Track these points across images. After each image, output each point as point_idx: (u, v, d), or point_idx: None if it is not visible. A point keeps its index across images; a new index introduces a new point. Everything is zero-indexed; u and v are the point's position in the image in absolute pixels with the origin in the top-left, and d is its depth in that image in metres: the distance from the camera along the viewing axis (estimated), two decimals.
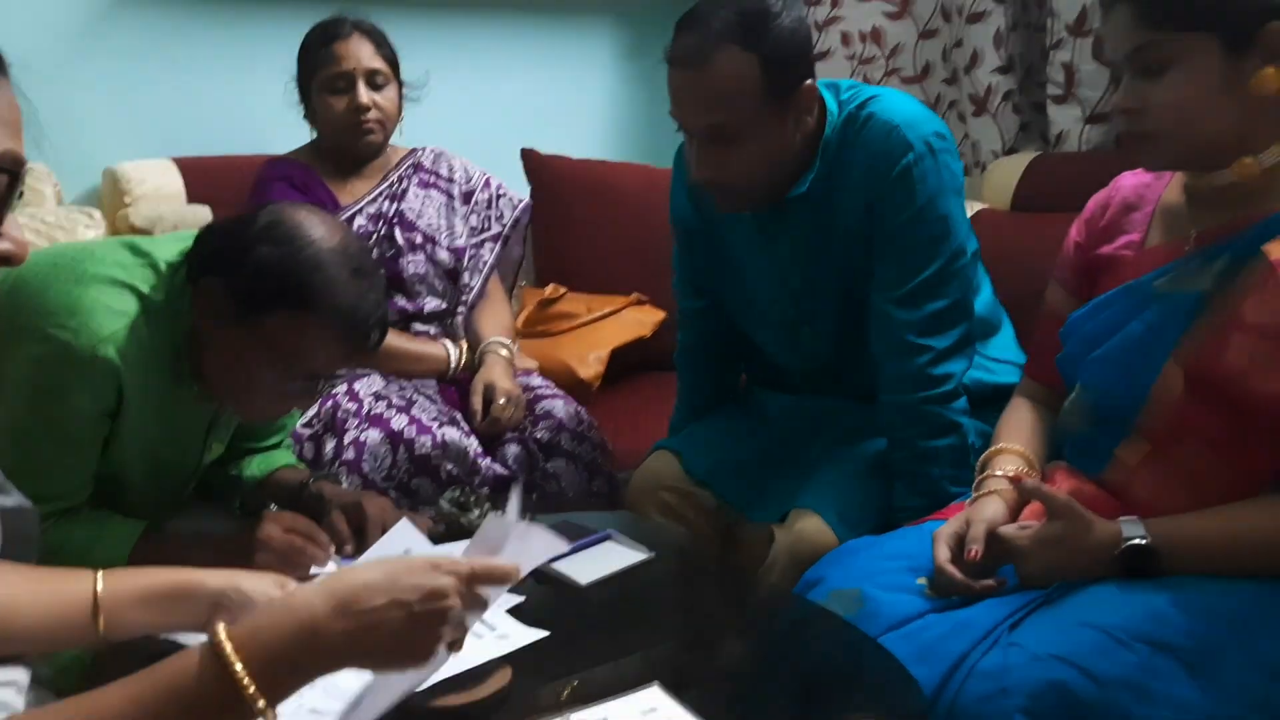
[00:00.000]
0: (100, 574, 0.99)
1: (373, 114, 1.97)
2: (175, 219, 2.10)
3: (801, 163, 1.55)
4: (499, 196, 2.18)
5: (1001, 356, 1.70)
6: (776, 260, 1.64)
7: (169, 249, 1.29)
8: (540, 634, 1.14)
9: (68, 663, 1.17)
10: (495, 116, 2.80)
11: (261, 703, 0.71)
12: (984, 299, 1.69)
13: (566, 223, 2.65)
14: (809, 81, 1.49)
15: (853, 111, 1.54)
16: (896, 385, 1.56)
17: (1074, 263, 1.39)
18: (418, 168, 2.11)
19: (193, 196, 2.22)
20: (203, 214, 2.14)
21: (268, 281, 1.21)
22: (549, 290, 2.56)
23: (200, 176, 2.25)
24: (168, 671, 0.72)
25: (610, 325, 2.50)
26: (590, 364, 2.39)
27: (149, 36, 2.34)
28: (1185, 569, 1.13)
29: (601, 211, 2.63)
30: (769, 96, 1.45)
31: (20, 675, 1.01)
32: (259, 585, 1.03)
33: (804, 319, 1.67)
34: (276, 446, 1.58)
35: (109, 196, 2.21)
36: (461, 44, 2.75)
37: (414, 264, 2.03)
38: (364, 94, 1.95)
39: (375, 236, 2.01)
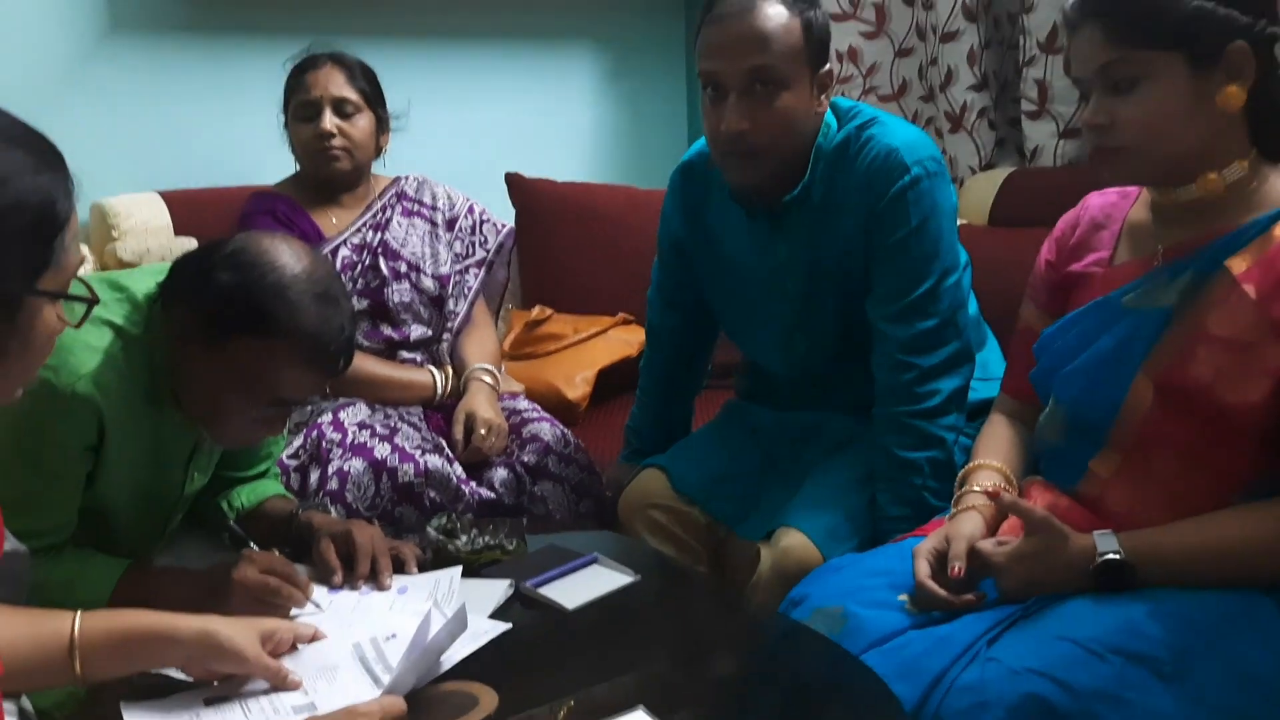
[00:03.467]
0: (78, 616, 1.01)
1: (337, 140, 2.00)
2: (162, 252, 2.12)
3: (799, 163, 1.61)
4: (483, 222, 2.20)
5: (985, 374, 1.72)
6: (774, 266, 1.68)
7: (146, 282, 1.32)
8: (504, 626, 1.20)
9: (63, 696, 1.18)
10: (480, 142, 2.82)
11: None
12: (970, 315, 1.72)
13: (552, 245, 2.67)
14: (829, 66, 1.58)
15: (853, 132, 1.61)
16: (885, 398, 1.61)
17: (1045, 280, 1.41)
18: (401, 196, 2.13)
19: (180, 229, 2.24)
20: (190, 247, 2.15)
21: (230, 307, 1.23)
22: (535, 312, 2.58)
23: (187, 210, 2.27)
24: None
25: (597, 345, 2.51)
26: (577, 385, 2.41)
27: (136, 71, 2.37)
28: (1159, 581, 1.15)
29: (586, 233, 2.66)
30: (806, 57, 1.54)
31: (9, 706, 1.04)
32: (233, 632, 1.06)
33: (801, 326, 1.71)
34: (262, 476, 1.59)
35: (96, 231, 2.23)
36: (445, 72, 2.78)
37: (399, 292, 2.04)
38: (328, 120, 1.98)
39: (360, 266, 2.03)
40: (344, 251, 2.03)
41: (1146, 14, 1.15)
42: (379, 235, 2.06)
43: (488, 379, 2.03)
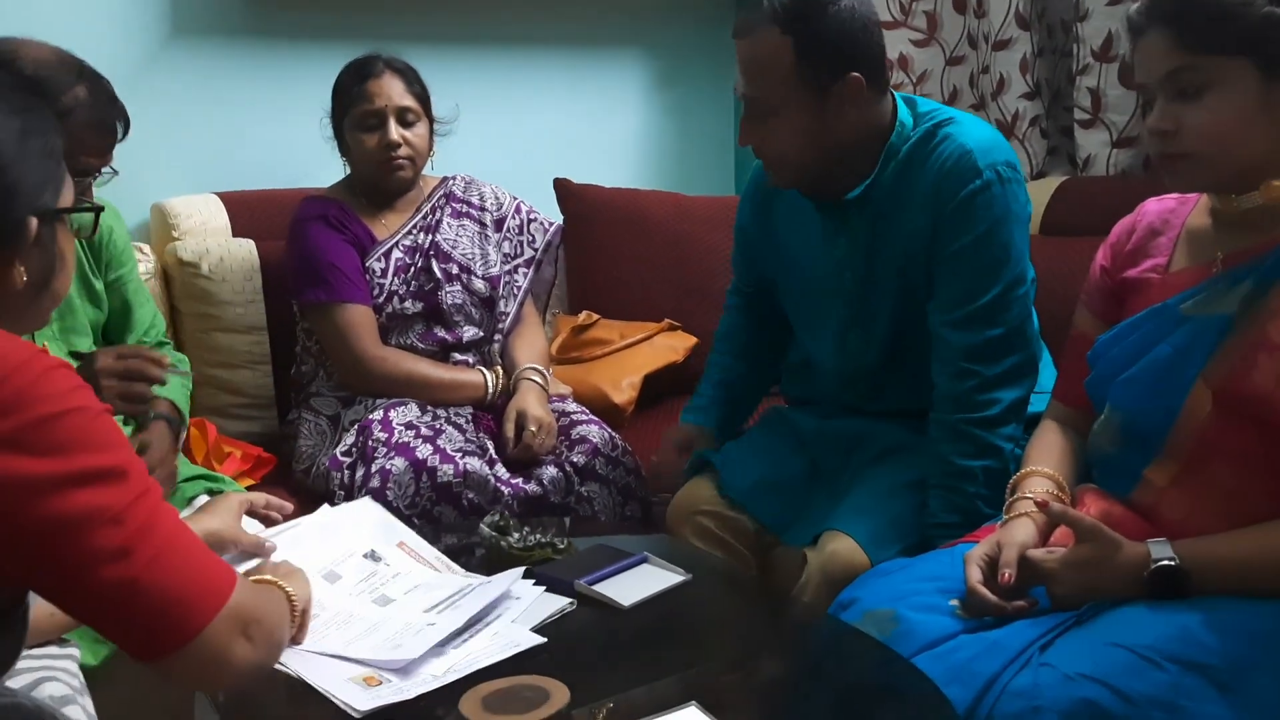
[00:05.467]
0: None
1: (403, 150, 2.02)
2: (221, 252, 2.17)
3: (865, 161, 1.59)
4: (530, 221, 2.23)
5: (1041, 387, 1.71)
6: (834, 260, 1.68)
7: None
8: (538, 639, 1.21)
9: (109, 653, 1.28)
10: (528, 148, 2.85)
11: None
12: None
13: (599, 251, 2.69)
14: (855, 74, 1.52)
15: (929, 129, 1.59)
16: (943, 404, 1.59)
17: (1100, 287, 1.40)
18: (450, 197, 2.16)
19: (238, 230, 2.28)
20: (247, 247, 2.20)
21: None
22: (582, 317, 2.60)
23: (244, 211, 2.31)
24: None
25: (643, 351, 2.53)
26: (624, 389, 2.42)
27: (195, 75, 2.42)
28: (1214, 589, 1.14)
29: (633, 239, 2.67)
30: (802, 80, 1.51)
31: (72, 651, 1.15)
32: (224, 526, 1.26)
33: (856, 321, 1.70)
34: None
35: (157, 230, 2.28)
36: (495, 78, 2.81)
37: (451, 294, 2.08)
38: (394, 131, 2.01)
39: (413, 269, 2.06)
40: (396, 254, 2.06)
41: (1216, 20, 1.14)
42: (430, 237, 2.10)
43: (538, 378, 2.05)
